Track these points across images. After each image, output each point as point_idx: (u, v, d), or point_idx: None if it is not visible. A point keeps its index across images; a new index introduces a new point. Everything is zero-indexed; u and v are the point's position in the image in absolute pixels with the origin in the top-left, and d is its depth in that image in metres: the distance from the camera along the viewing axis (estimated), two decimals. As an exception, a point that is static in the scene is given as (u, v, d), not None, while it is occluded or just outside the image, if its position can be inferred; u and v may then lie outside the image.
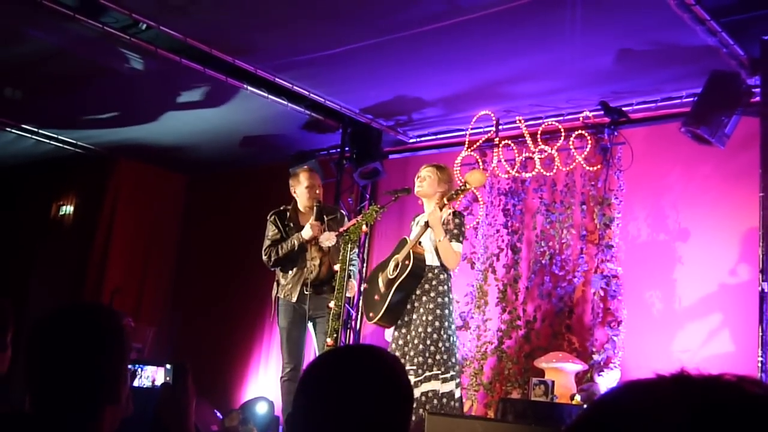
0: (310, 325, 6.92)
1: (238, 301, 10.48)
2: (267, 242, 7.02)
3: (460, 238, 6.08)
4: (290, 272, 6.92)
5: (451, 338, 6.02)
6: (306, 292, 6.78)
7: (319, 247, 6.86)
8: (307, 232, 6.81)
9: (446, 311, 6.03)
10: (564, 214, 7.91)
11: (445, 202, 5.99)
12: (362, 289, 7.46)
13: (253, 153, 10.16)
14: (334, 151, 9.86)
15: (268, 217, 7.10)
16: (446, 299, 6.05)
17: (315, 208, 6.93)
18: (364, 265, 9.37)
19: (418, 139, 9.44)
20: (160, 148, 10.28)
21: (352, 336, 8.88)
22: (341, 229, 6.54)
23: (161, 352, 10.23)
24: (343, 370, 1.95)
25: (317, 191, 7.08)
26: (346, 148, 9.39)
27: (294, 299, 6.83)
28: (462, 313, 8.12)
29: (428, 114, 8.58)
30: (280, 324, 6.98)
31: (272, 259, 6.91)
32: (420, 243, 6.09)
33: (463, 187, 5.96)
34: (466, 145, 8.58)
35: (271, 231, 7.05)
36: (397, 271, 6.05)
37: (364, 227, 6.30)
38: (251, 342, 10.20)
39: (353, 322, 8.99)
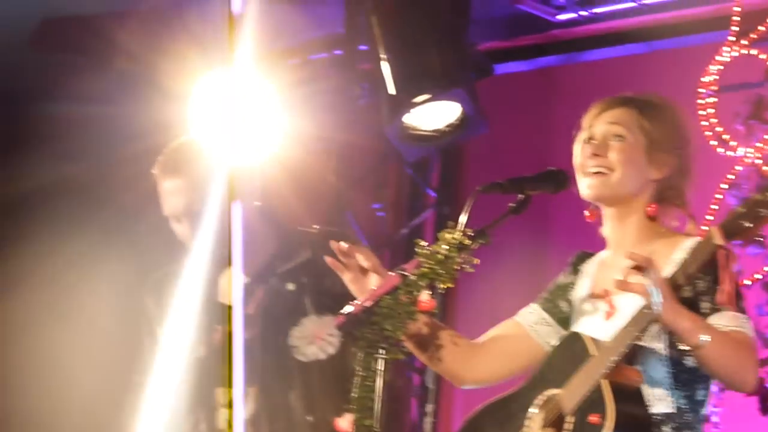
0: None
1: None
2: None
3: (742, 305, 3.00)
4: None
5: None
6: None
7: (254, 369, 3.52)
8: None
9: None
10: None
11: (717, 238, 2.82)
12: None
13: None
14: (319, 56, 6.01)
15: None
16: None
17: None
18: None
19: (581, 12, 5.71)
20: None
21: None
22: (360, 303, 2.95)
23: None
24: None
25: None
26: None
27: None
28: None
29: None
30: None
31: None
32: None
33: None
34: (734, 31, 5.21)
35: None
36: None
37: (424, 297, 2.87)
38: None
39: None
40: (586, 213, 3.13)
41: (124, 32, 5.15)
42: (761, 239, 2.91)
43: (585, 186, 3.09)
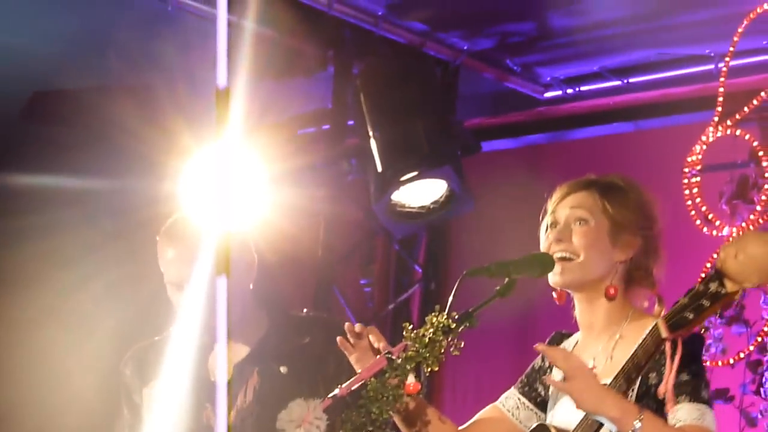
0: None
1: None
2: None
3: (703, 394, 2.84)
4: None
5: None
6: None
7: None
8: None
9: None
10: None
11: (662, 331, 2.73)
12: None
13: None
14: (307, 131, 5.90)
15: None
16: None
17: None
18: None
19: (567, 90, 5.74)
20: None
21: None
22: (346, 386, 2.96)
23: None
24: None
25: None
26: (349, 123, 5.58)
27: None
28: None
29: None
30: None
31: None
32: None
33: (718, 288, 2.71)
34: (719, 111, 5.08)
35: None
36: None
37: (410, 380, 2.86)
38: None
39: None
40: (554, 295, 3.07)
41: (115, 107, 5.12)
42: (708, 327, 2.83)
43: (551, 273, 3.02)
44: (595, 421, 2.83)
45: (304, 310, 3.85)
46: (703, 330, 2.81)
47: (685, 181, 5.01)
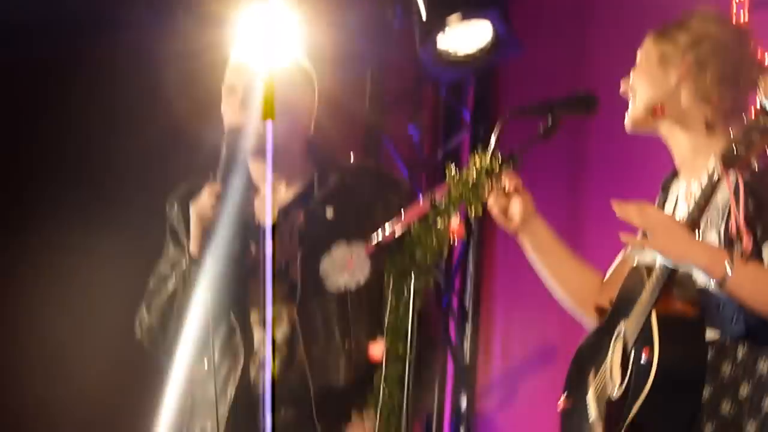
0: None
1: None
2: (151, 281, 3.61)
3: None
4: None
5: None
6: None
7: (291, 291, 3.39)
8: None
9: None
10: None
11: (717, 168, 2.64)
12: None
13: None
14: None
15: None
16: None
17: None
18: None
19: None
20: None
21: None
22: (385, 235, 2.96)
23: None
24: None
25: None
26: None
27: None
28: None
29: None
30: None
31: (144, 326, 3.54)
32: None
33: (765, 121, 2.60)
34: None
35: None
36: (629, 378, 2.81)
37: (455, 223, 2.88)
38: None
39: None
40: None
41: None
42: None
43: (627, 120, 3.00)
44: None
45: (352, 159, 3.84)
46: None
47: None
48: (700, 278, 2.75)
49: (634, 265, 2.93)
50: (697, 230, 2.74)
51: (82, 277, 5.18)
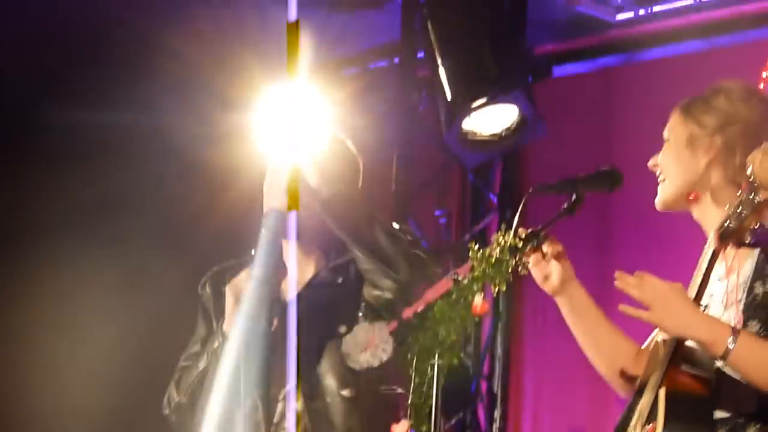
0: None
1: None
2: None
3: None
4: None
5: None
6: None
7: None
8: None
9: None
10: None
11: (714, 242, 2.71)
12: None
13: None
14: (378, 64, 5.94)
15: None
16: None
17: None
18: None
19: (639, 11, 5.55)
20: None
21: None
22: (412, 308, 2.89)
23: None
24: None
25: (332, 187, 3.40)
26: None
27: None
28: None
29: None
30: None
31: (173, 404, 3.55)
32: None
33: (752, 196, 2.62)
34: None
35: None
36: None
37: (478, 301, 2.79)
38: None
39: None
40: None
41: (180, 41, 5.08)
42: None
43: (657, 200, 2.99)
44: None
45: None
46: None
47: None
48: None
49: (658, 338, 2.86)
50: (703, 304, 2.74)
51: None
